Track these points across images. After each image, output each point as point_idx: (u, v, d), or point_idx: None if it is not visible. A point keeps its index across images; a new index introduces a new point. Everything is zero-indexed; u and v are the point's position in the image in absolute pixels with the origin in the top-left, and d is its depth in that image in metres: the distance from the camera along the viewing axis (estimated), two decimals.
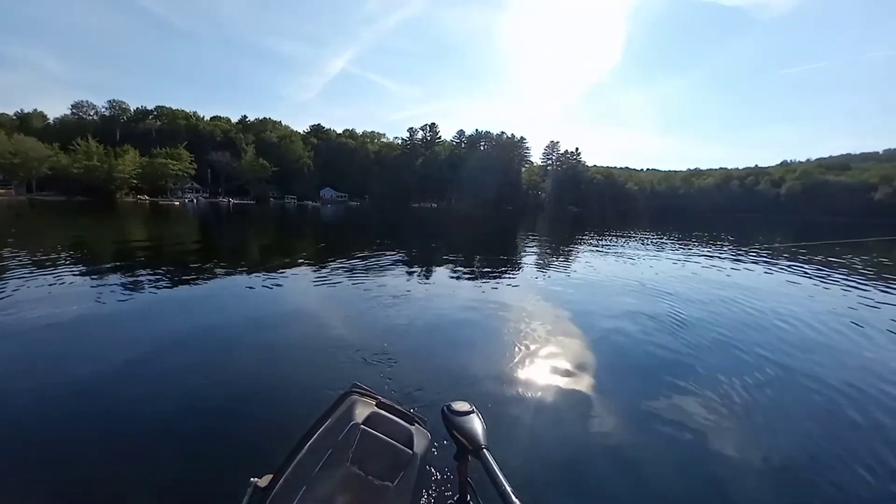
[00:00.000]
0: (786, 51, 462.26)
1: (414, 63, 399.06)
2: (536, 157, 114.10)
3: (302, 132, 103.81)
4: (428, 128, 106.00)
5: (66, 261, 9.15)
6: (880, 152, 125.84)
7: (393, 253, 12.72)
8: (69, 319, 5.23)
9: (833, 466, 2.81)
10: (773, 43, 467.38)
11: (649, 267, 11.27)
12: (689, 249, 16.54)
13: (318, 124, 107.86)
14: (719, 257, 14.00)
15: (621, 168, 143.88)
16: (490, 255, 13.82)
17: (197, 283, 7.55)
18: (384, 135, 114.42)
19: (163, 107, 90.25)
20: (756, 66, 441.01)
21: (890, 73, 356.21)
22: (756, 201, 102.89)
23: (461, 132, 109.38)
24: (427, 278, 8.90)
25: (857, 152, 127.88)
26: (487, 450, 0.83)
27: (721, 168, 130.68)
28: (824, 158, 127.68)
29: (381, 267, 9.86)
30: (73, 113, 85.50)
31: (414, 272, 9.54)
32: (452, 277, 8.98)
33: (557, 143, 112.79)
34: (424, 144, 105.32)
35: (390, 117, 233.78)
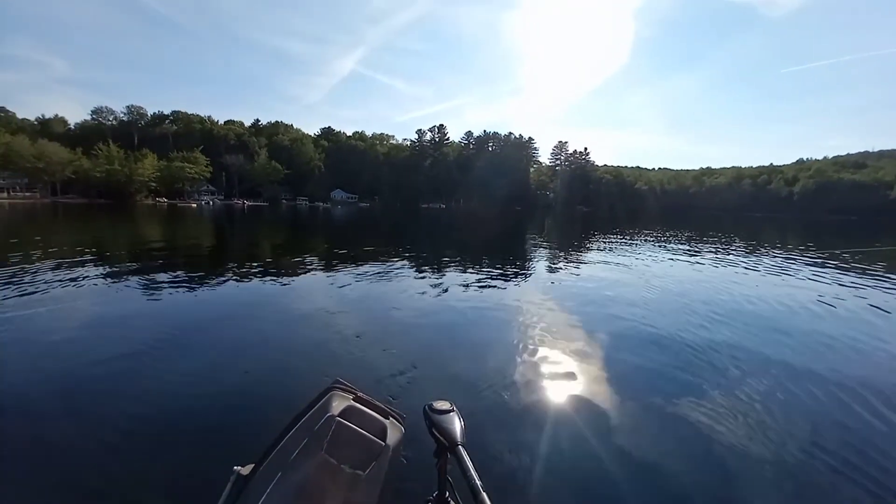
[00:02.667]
0: (796, 47, 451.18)
1: (423, 63, 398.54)
2: (545, 157, 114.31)
3: (313, 135, 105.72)
4: (436, 129, 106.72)
5: (89, 260, 10.05)
6: None
7: (401, 253, 13.43)
8: (75, 315, 5.72)
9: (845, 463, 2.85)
10: (783, 39, 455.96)
11: (646, 267, 11.72)
12: (696, 250, 16.89)
13: (329, 127, 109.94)
14: (729, 258, 14.41)
15: (632, 167, 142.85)
16: (497, 255, 14.28)
17: (208, 283, 8.15)
18: (393, 136, 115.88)
19: (178, 111, 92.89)
20: (767, 63, 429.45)
21: None
22: (767, 200, 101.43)
23: (469, 133, 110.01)
24: (433, 279, 9.26)
25: (875, 150, 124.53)
26: (463, 447, 0.87)
27: (734, 167, 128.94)
28: (841, 156, 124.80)
29: (389, 267, 10.45)
30: (92, 118, 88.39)
31: (421, 273, 10.00)
32: (458, 278, 9.32)
33: (566, 142, 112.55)
34: (433, 146, 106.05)
35: (399, 118, 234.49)
